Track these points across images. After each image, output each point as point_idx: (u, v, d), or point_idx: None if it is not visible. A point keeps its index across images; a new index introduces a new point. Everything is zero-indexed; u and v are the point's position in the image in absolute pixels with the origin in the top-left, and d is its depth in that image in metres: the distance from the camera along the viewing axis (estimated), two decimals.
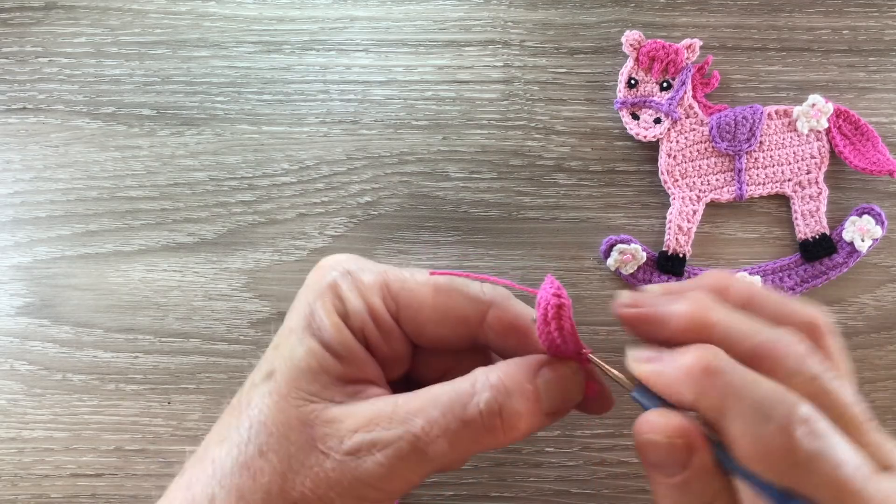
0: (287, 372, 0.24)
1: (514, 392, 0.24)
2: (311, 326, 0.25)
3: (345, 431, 0.23)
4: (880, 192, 0.40)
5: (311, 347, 0.25)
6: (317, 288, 0.26)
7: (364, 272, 0.26)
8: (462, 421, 0.23)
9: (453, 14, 0.41)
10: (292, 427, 0.23)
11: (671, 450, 0.22)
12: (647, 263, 0.40)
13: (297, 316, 0.25)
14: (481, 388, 0.24)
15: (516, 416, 0.24)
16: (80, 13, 0.41)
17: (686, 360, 0.22)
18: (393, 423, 0.23)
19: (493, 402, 0.23)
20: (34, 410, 0.40)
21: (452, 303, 0.26)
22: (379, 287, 0.26)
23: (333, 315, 0.25)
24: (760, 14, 0.41)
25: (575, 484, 0.40)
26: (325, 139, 0.41)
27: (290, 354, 0.25)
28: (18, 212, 0.41)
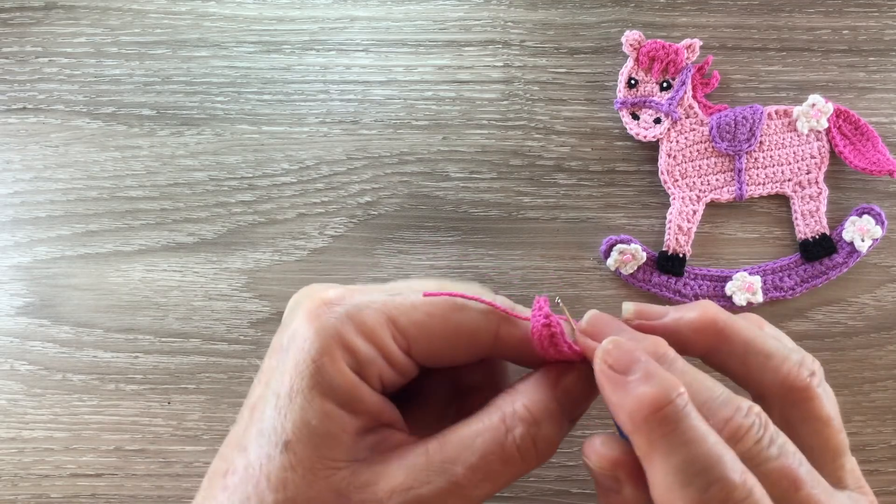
0: (306, 441, 0.22)
1: (544, 419, 0.24)
2: (320, 385, 0.23)
3: (382, 494, 0.22)
4: (880, 192, 0.40)
5: (326, 410, 0.22)
6: (318, 339, 0.23)
7: (364, 311, 0.24)
8: (502, 461, 0.23)
9: (453, 14, 0.41)
10: (326, 501, 0.22)
11: (601, 476, 0.23)
12: (647, 263, 0.40)
13: (300, 374, 0.23)
14: (511, 423, 0.24)
15: (550, 443, 0.24)
16: (80, 13, 0.41)
17: (642, 392, 0.22)
18: (431, 476, 0.22)
19: (527, 436, 0.24)
20: (34, 410, 0.40)
21: (462, 329, 0.25)
22: (386, 325, 0.24)
23: (347, 373, 0.23)
24: (760, 14, 0.41)
25: (575, 484, 0.40)
26: (325, 139, 0.41)
27: (302, 420, 0.22)
28: (18, 212, 0.41)
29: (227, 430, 0.40)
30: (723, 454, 0.21)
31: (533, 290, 0.40)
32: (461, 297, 0.25)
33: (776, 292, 0.40)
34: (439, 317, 0.24)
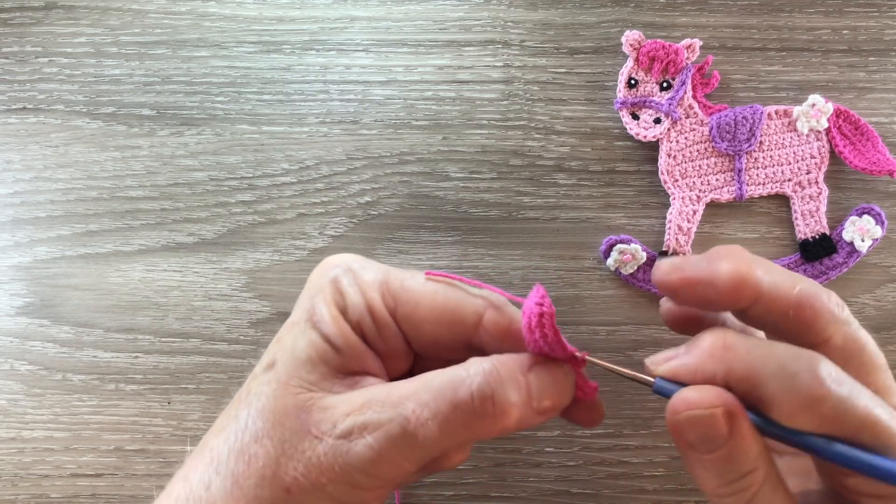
0: (287, 362, 0.25)
1: (507, 380, 0.24)
2: (311, 319, 0.25)
3: (338, 416, 0.23)
4: (880, 192, 0.40)
5: (312, 339, 0.25)
6: (319, 283, 0.26)
7: (365, 270, 0.27)
8: (453, 404, 0.23)
9: (453, 14, 0.41)
10: (288, 413, 0.24)
11: (713, 422, 0.22)
12: (647, 263, 0.40)
13: (300, 310, 0.26)
14: (474, 373, 0.24)
15: (507, 404, 0.24)
16: (80, 13, 0.41)
17: (706, 344, 0.23)
18: (385, 407, 0.23)
19: (486, 385, 0.23)
20: (34, 410, 0.40)
21: (449, 304, 0.26)
22: (379, 284, 0.26)
23: (333, 308, 0.25)
24: (760, 14, 0.41)
25: (575, 484, 0.40)
26: (325, 139, 0.41)
27: (291, 346, 0.25)
28: (18, 212, 0.41)
29: None
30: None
31: None
32: (459, 280, 0.27)
33: None
34: (429, 290, 0.26)
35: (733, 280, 0.24)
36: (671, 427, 0.23)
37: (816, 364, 0.22)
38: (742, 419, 0.23)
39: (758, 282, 0.24)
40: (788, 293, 0.24)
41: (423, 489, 0.40)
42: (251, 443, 0.23)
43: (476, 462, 0.40)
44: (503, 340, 0.26)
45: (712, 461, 0.23)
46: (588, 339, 0.40)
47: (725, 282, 0.24)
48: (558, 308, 0.40)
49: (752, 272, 0.24)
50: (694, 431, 0.23)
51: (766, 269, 0.24)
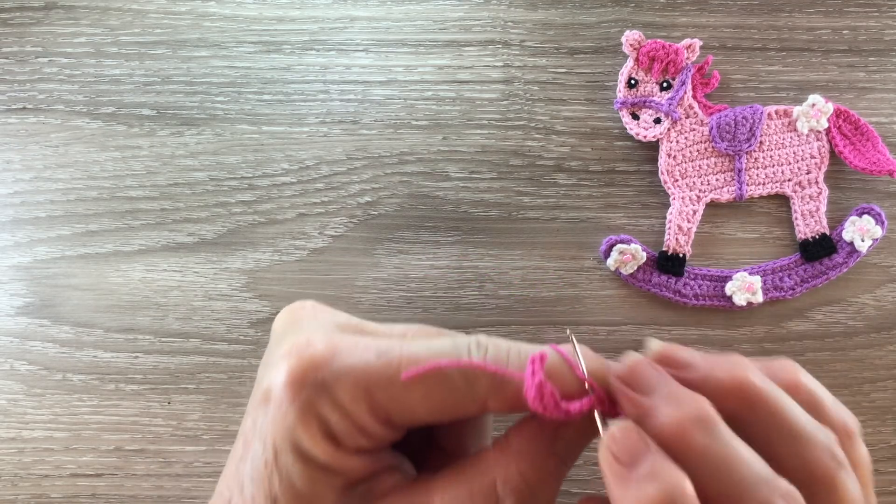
0: (292, 500, 0.22)
1: (539, 485, 0.23)
2: (299, 452, 0.22)
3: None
4: (880, 192, 0.40)
5: (308, 474, 0.22)
6: (293, 411, 0.22)
7: (341, 384, 0.23)
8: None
9: (453, 14, 0.41)
10: None
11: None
12: (647, 263, 0.40)
13: (281, 438, 0.23)
14: (503, 492, 0.23)
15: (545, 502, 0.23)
16: (80, 13, 0.41)
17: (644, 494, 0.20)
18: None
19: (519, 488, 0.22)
20: (34, 410, 0.40)
21: (447, 405, 0.23)
22: (363, 399, 0.23)
23: (322, 444, 0.23)
24: (760, 14, 0.41)
25: (575, 484, 0.40)
26: (325, 139, 0.41)
27: (288, 481, 0.22)
28: (18, 212, 0.41)
29: (227, 430, 0.40)
30: None
31: (533, 290, 0.40)
32: (446, 367, 0.23)
33: (776, 292, 0.40)
34: (421, 392, 0.23)
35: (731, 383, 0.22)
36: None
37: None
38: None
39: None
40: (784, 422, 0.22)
41: None
42: None
43: None
44: (516, 408, 0.24)
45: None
46: (588, 339, 0.40)
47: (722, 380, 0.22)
48: (558, 308, 0.40)
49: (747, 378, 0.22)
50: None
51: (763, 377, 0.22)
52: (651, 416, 0.21)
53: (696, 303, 0.40)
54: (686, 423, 0.21)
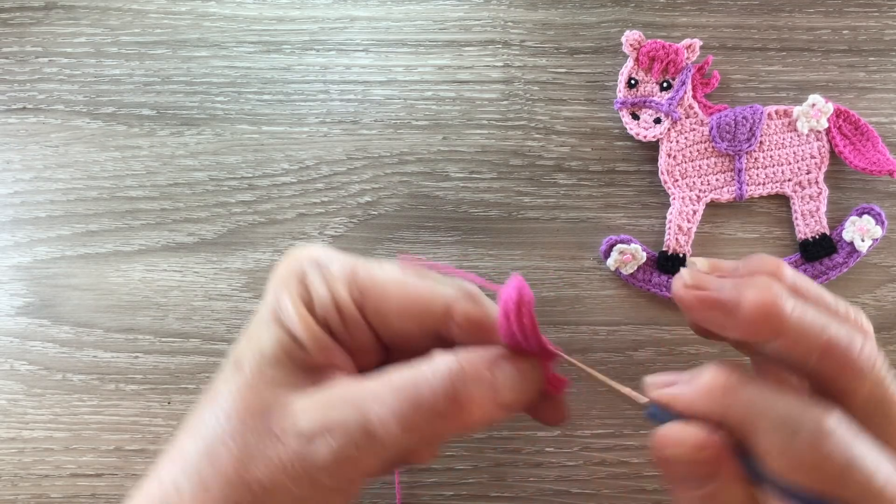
0: (253, 360, 0.24)
1: (470, 377, 0.23)
2: (274, 315, 0.25)
3: (300, 416, 0.23)
4: (880, 192, 0.40)
5: (277, 335, 0.25)
6: (284, 276, 0.26)
7: (332, 262, 0.26)
8: (415, 403, 0.23)
9: (453, 14, 0.41)
10: (252, 413, 0.23)
11: (695, 464, 0.22)
12: (647, 263, 0.40)
13: (266, 305, 0.25)
14: (437, 371, 0.23)
15: (470, 402, 0.23)
16: (80, 13, 0.41)
17: (705, 380, 0.22)
18: (347, 406, 0.23)
19: (449, 385, 0.23)
20: (34, 410, 0.40)
21: (418, 296, 0.26)
22: (346, 276, 0.25)
23: (299, 304, 0.25)
24: (760, 14, 0.41)
25: (575, 484, 0.40)
26: (325, 139, 0.41)
27: (257, 343, 0.25)
28: (18, 212, 0.41)
29: None
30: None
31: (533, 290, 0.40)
32: (434, 269, 0.26)
33: None
34: (397, 281, 0.26)
35: (757, 313, 0.22)
36: (655, 459, 0.23)
37: (822, 422, 0.21)
38: (728, 465, 0.22)
39: (783, 319, 0.22)
40: (816, 338, 0.22)
41: (423, 489, 0.40)
42: (217, 444, 0.23)
43: (476, 462, 0.40)
44: (474, 332, 0.26)
45: (694, 499, 0.22)
46: (588, 339, 0.40)
47: (748, 313, 0.22)
48: (558, 308, 0.40)
49: (779, 308, 0.22)
50: (678, 468, 0.22)
51: (796, 306, 0.22)
52: (738, 303, 0.23)
53: None
54: (771, 297, 0.22)
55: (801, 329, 0.22)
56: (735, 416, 0.22)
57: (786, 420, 0.21)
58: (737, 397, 0.22)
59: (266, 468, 0.23)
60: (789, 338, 0.22)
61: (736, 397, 0.22)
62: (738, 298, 0.23)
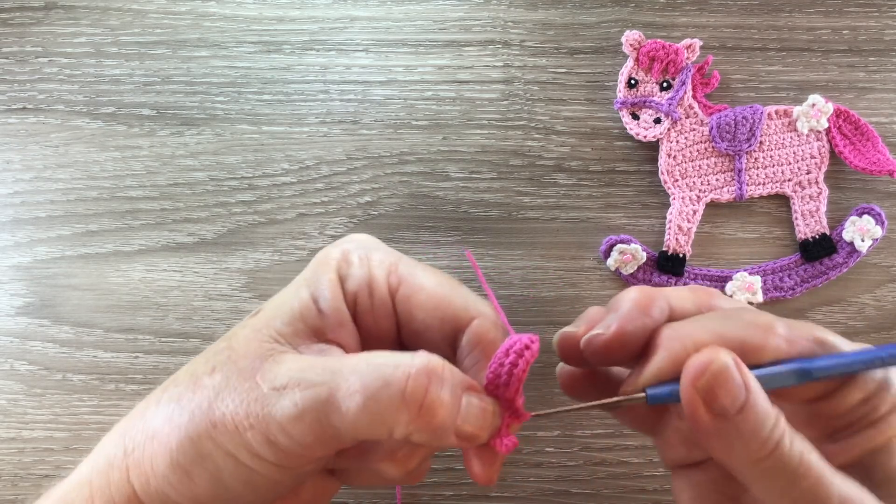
0: (269, 311, 0.26)
1: (447, 383, 0.24)
2: (309, 279, 0.26)
3: (282, 370, 0.24)
4: (880, 192, 0.40)
5: (300, 295, 0.26)
6: (330, 252, 0.27)
7: (377, 250, 0.27)
8: (385, 381, 0.23)
9: (453, 14, 0.41)
10: (247, 356, 0.24)
11: (733, 374, 0.22)
12: (647, 263, 0.40)
13: (305, 271, 0.27)
14: (419, 361, 0.23)
15: (438, 404, 0.23)
16: (80, 13, 0.41)
17: (627, 303, 0.26)
18: (324, 372, 0.23)
19: (424, 375, 0.23)
20: (34, 410, 0.40)
21: (449, 299, 0.27)
22: (388, 264, 0.27)
23: (332, 273, 0.26)
24: (760, 14, 0.41)
25: (575, 484, 0.40)
26: (325, 139, 0.41)
27: (280, 297, 0.26)
28: (18, 212, 0.41)
29: None
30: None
31: (533, 291, 0.40)
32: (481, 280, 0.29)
33: (776, 292, 0.40)
34: (434, 282, 0.27)
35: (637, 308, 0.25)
36: (694, 404, 0.23)
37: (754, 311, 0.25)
38: (745, 367, 0.23)
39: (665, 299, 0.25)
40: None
41: (423, 489, 0.40)
42: (206, 373, 0.25)
43: None
44: (474, 349, 0.26)
45: (744, 421, 0.22)
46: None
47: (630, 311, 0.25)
48: (558, 308, 0.40)
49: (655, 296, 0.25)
50: (722, 392, 0.22)
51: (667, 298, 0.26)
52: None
53: None
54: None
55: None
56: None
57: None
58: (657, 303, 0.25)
59: (233, 407, 0.24)
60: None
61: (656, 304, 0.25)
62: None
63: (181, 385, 0.25)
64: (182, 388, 0.25)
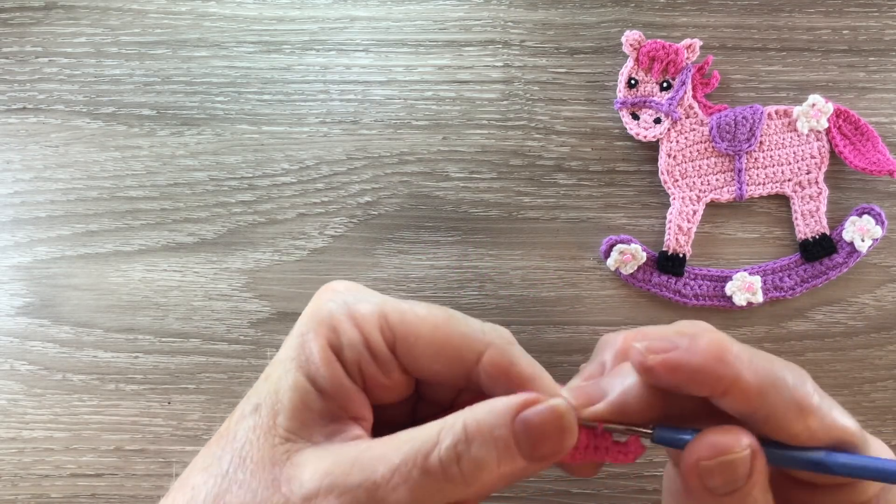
0: (271, 407, 0.24)
1: (477, 439, 0.22)
2: (299, 358, 0.24)
3: (308, 474, 0.23)
4: (880, 192, 0.40)
5: (297, 381, 0.24)
6: (311, 318, 0.25)
7: (361, 303, 0.25)
8: (423, 469, 0.22)
9: (453, 14, 0.41)
10: (264, 465, 0.23)
11: (743, 465, 0.22)
12: (647, 263, 0.40)
13: (289, 347, 0.25)
14: (445, 435, 0.23)
15: (477, 466, 0.22)
16: (80, 13, 0.41)
17: (705, 344, 0.22)
18: (355, 469, 0.22)
19: (452, 450, 0.22)
20: (34, 410, 0.40)
21: (449, 340, 0.25)
22: (377, 318, 0.25)
23: (325, 349, 0.24)
24: (760, 14, 0.41)
25: (575, 484, 0.40)
26: (325, 139, 0.41)
27: (276, 387, 0.24)
28: (18, 212, 0.41)
29: None
30: None
31: (533, 291, 0.40)
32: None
33: (776, 292, 0.40)
34: (429, 324, 0.25)
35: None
36: (692, 472, 0.22)
37: (805, 376, 0.22)
38: (761, 455, 0.22)
39: (735, 365, 0.23)
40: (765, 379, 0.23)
41: None
42: (226, 491, 0.23)
43: None
44: (499, 381, 0.25)
45: (729, 502, 0.22)
46: (588, 339, 0.40)
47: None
48: (558, 308, 0.40)
49: (728, 352, 0.23)
50: (722, 477, 0.22)
51: (742, 350, 0.23)
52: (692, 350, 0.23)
53: (696, 303, 0.40)
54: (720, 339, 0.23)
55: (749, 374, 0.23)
56: (750, 380, 0.22)
57: (785, 377, 0.22)
58: (745, 360, 0.22)
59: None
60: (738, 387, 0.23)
61: (744, 361, 0.22)
62: (692, 350, 0.23)
63: (203, 502, 0.23)
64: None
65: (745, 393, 0.22)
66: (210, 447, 0.25)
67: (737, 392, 0.22)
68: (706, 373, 0.22)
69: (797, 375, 0.23)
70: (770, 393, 0.22)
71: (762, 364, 0.22)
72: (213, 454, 0.24)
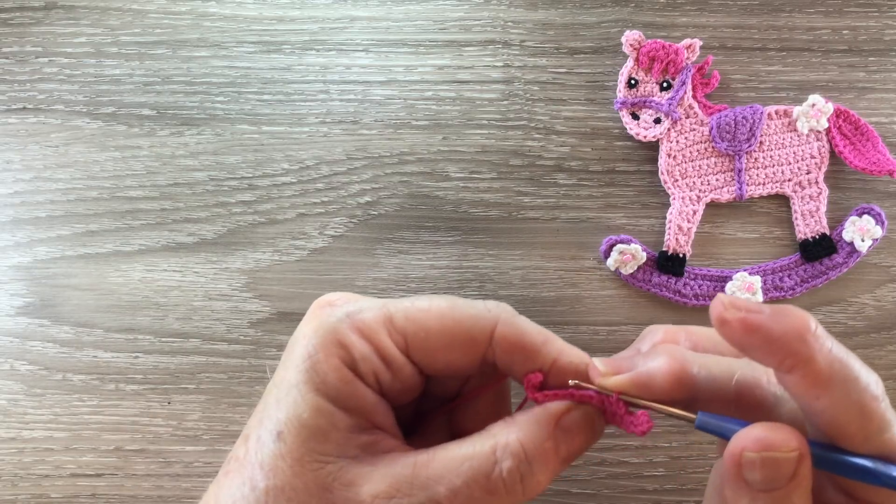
0: (297, 433, 0.23)
1: (536, 458, 0.23)
2: (313, 381, 0.23)
3: (365, 496, 0.22)
4: (880, 192, 0.40)
5: (318, 405, 0.23)
6: (316, 337, 0.24)
7: (362, 311, 0.25)
8: (486, 491, 0.23)
9: (453, 14, 0.41)
10: (311, 493, 0.23)
11: (787, 465, 0.22)
12: (647, 263, 0.40)
13: (296, 369, 0.24)
14: (502, 455, 0.23)
15: (538, 482, 0.24)
16: (80, 13, 0.41)
17: (800, 314, 0.22)
18: (414, 489, 0.23)
19: (516, 472, 0.23)
20: (34, 410, 0.40)
21: (458, 325, 0.25)
22: (383, 324, 0.24)
23: (340, 368, 0.24)
24: (760, 14, 0.41)
25: (575, 484, 0.40)
26: (325, 139, 0.41)
27: (295, 413, 0.23)
28: (18, 212, 0.41)
29: (227, 429, 0.40)
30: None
31: (533, 291, 0.40)
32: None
33: (776, 292, 0.40)
34: (435, 315, 0.25)
35: (671, 379, 0.24)
36: (734, 462, 0.22)
37: (874, 379, 0.22)
38: (808, 461, 0.22)
39: (693, 379, 0.24)
40: (726, 386, 0.24)
41: None
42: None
43: None
44: (514, 354, 0.25)
45: (766, 499, 0.22)
46: (588, 339, 0.40)
47: (663, 381, 0.24)
48: (558, 308, 0.40)
49: (686, 370, 0.24)
50: (763, 472, 0.22)
51: (700, 363, 0.24)
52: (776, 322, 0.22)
53: (696, 303, 0.40)
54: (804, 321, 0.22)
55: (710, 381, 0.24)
56: (823, 365, 0.21)
57: (857, 375, 0.22)
58: (822, 344, 0.21)
59: None
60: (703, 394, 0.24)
61: (821, 344, 0.21)
62: (649, 370, 0.24)
63: None
64: None
65: (814, 376, 0.21)
66: (230, 477, 0.24)
67: (806, 372, 0.21)
68: (782, 343, 0.21)
69: (872, 380, 0.22)
70: (838, 385, 0.21)
71: (839, 355, 0.22)
72: (236, 485, 0.23)
